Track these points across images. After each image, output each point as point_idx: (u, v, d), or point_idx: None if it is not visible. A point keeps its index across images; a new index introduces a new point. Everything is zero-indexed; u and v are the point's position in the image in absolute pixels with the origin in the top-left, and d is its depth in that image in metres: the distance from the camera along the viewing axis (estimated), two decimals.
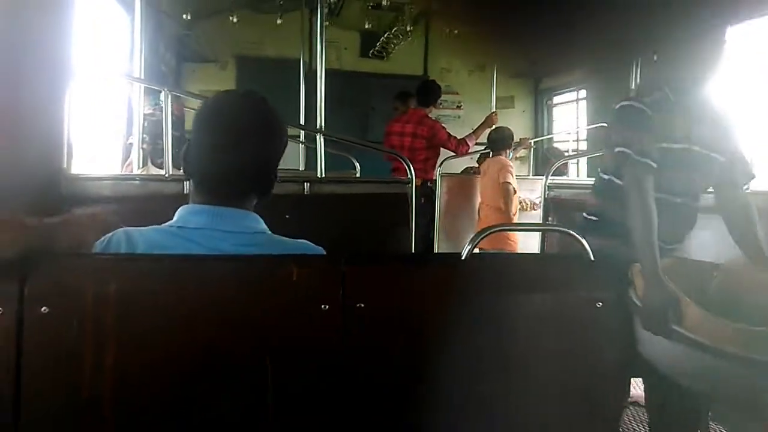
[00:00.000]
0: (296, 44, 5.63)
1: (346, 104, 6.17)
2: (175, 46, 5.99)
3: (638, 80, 4.03)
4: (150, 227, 1.30)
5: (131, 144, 3.73)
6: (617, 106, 1.80)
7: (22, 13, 2.10)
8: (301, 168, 4.92)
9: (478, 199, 4.41)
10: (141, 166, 3.55)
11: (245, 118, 1.28)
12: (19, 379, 1.03)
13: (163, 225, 1.30)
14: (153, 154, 3.63)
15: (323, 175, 3.21)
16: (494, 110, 4.97)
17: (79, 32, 2.67)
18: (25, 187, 2.01)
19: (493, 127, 4.55)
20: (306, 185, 3.11)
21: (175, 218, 1.31)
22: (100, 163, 4.12)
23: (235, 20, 5.30)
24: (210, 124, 1.29)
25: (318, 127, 3.34)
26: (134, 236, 1.27)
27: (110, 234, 1.28)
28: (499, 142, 4.29)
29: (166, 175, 2.75)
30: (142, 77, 3.72)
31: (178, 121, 4.03)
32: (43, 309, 1.04)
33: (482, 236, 1.39)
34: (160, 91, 4.13)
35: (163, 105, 2.76)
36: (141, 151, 3.56)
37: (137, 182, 2.82)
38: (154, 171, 3.55)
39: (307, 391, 1.15)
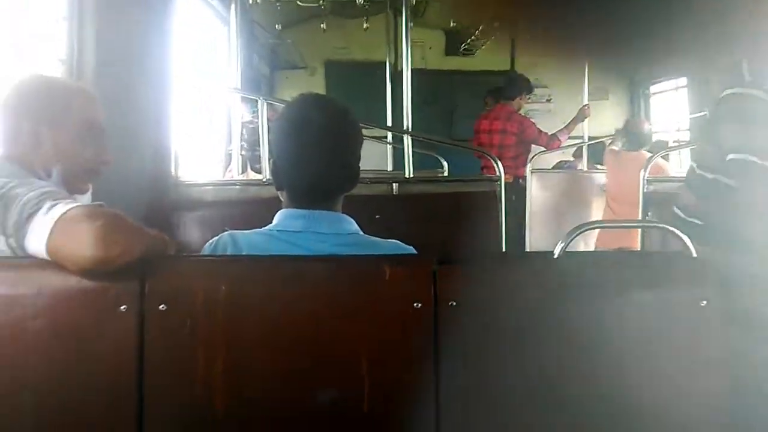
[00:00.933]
0: (382, 46, 5.71)
1: (431, 103, 6.19)
2: (267, 55, 6.26)
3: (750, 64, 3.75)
4: (252, 231, 1.38)
5: (232, 151, 3.94)
6: (726, 94, 1.58)
7: (131, 32, 2.30)
8: (389, 168, 4.99)
9: (577, 195, 4.27)
10: (241, 172, 3.74)
11: (327, 122, 1.33)
12: (141, 369, 1.13)
13: (264, 228, 1.38)
14: (251, 161, 3.82)
15: (411, 175, 3.24)
16: (586, 103, 4.83)
17: (182, 46, 2.86)
18: (140, 194, 2.19)
19: (631, 121, 4.34)
20: (394, 186, 3.16)
21: (274, 222, 1.39)
22: (206, 170, 4.39)
23: (324, 27, 5.46)
24: (293, 133, 1.34)
25: (405, 127, 3.38)
26: (239, 239, 1.36)
27: (217, 237, 1.38)
28: (640, 136, 4.05)
29: (264, 180, 2.88)
30: (239, 87, 3.92)
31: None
32: (161, 306, 1.14)
33: (576, 233, 1.37)
34: (256, 100, 4.35)
35: (259, 113, 2.89)
36: (240, 157, 3.75)
37: (238, 187, 2.97)
38: (253, 176, 3.74)
39: (400, 388, 1.18)
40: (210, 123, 4.83)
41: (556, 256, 1.25)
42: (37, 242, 1.14)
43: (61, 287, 1.14)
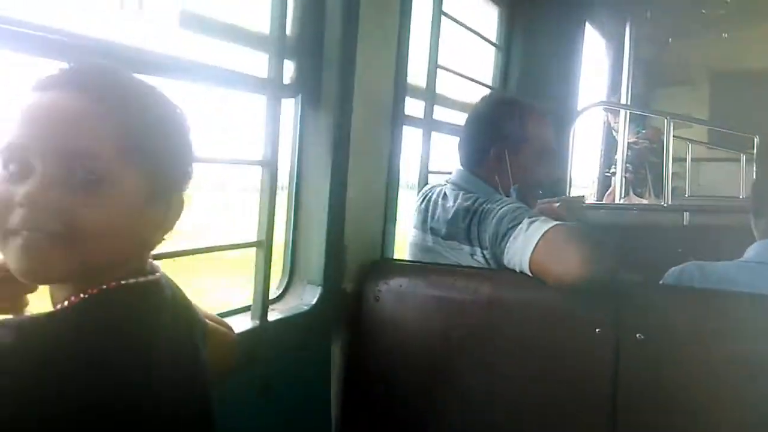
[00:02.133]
0: None
1: None
2: (644, 71, 5.89)
3: None
4: (721, 262, 1.25)
5: (612, 174, 3.80)
6: None
7: (546, 62, 2.39)
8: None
9: None
10: (622, 195, 3.58)
11: None
12: (614, 395, 1.11)
13: (737, 260, 1.24)
14: (634, 184, 3.62)
15: None
16: None
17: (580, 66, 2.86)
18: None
19: None
20: None
21: (750, 253, 1.23)
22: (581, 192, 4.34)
23: (726, 35, 4.87)
24: None
25: None
26: (707, 270, 1.24)
27: (681, 266, 1.28)
28: None
29: (664, 204, 2.67)
30: (628, 104, 3.76)
31: (658, 148, 3.93)
32: (638, 335, 1.09)
33: None
34: (644, 119, 4.12)
35: (665, 132, 2.69)
36: (624, 180, 3.58)
37: (634, 212, 2.83)
38: (636, 200, 3.53)
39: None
40: (577, 144, 4.76)
41: None
42: (517, 255, 1.21)
43: (538, 300, 1.19)
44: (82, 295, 0.64)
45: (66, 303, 0.64)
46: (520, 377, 1.20)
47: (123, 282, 0.66)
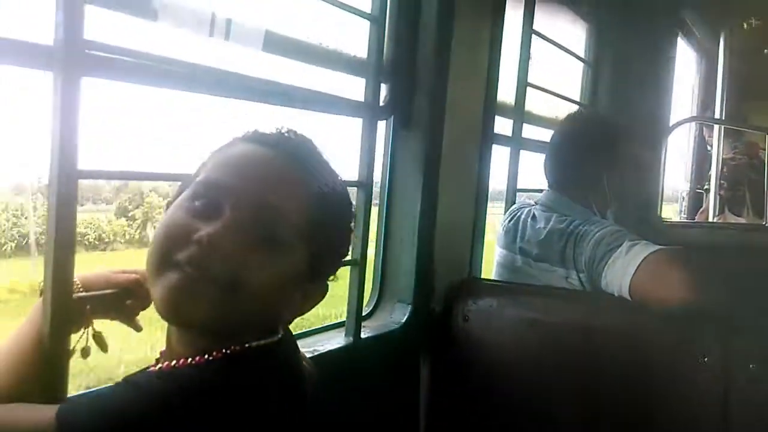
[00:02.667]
0: None
1: None
2: (736, 85, 5.59)
3: None
4: None
5: (705, 190, 3.61)
6: None
7: (634, 82, 2.32)
8: None
9: None
10: (717, 214, 3.38)
11: None
12: (726, 428, 1.05)
13: None
14: (731, 201, 3.42)
15: None
16: None
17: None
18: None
19: None
20: None
21: None
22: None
23: None
24: None
25: None
26: None
27: None
28: None
29: (766, 224, 2.51)
30: (722, 118, 3.57)
31: (758, 165, 3.70)
32: (751, 366, 1.03)
33: None
34: (740, 134, 3.89)
35: (767, 147, 2.53)
36: (718, 197, 3.39)
37: (732, 231, 2.67)
38: (732, 219, 3.34)
39: None
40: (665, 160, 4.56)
41: None
42: (617, 279, 1.18)
43: (640, 325, 1.15)
44: (224, 351, 0.64)
45: (208, 356, 0.64)
46: (618, 408, 1.16)
47: (261, 343, 0.67)
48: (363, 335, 1.30)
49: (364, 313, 1.37)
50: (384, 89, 1.34)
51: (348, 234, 0.74)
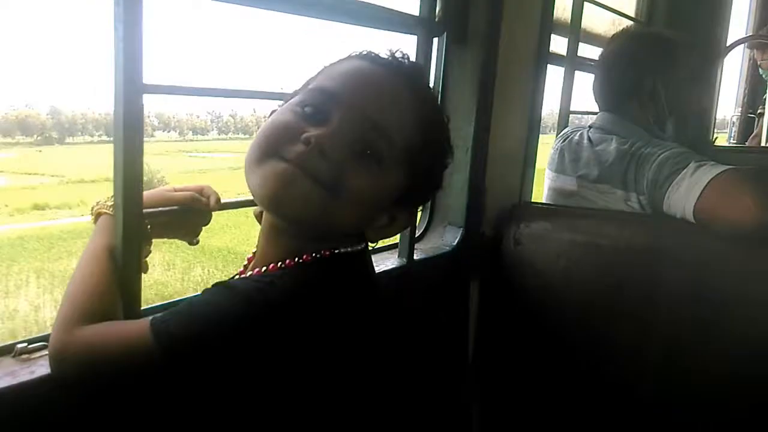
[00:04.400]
0: None
1: None
2: None
3: None
4: None
5: (758, 114, 3.45)
6: None
7: None
8: None
9: None
10: None
11: None
12: None
13: None
14: None
15: None
16: None
17: None
18: None
19: None
20: None
21: None
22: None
23: None
24: None
25: None
26: None
27: None
28: None
29: None
30: None
31: None
32: None
33: None
34: None
35: None
36: None
37: None
38: None
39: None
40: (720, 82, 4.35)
41: None
42: (681, 201, 1.14)
43: (704, 248, 1.13)
44: (314, 255, 0.67)
45: (298, 259, 0.67)
46: (677, 332, 1.15)
47: (349, 250, 0.69)
48: (416, 257, 1.30)
49: (416, 235, 1.37)
50: (438, 4, 1.27)
51: (444, 167, 0.74)
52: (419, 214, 1.44)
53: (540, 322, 1.36)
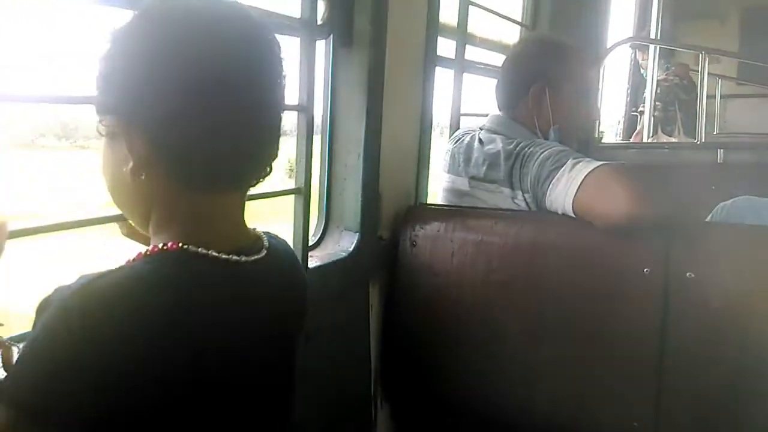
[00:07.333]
0: None
1: None
2: (670, 5, 5.67)
3: None
4: None
5: (639, 112, 3.71)
6: None
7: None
8: None
9: None
10: (651, 134, 3.49)
11: None
12: (663, 336, 1.09)
13: None
14: (663, 122, 3.53)
15: None
16: None
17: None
18: None
19: None
20: None
21: None
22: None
23: None
24: None
25: None
26: (759, 205, 1.20)
27: (730, 201, 1.25)
28: None
29: (697, 142, 2.59)
30: (658, 38, 3.62)
31: (689, 85, 3.81)
32: (688, 274, 1.07)
33: None
34: (670, 56, 3.98)
35: (699, 67, 2.59)
36: (652, 118, 3.49)
37: (666, 150, 2.76)
38: (665, 139, 3.46)
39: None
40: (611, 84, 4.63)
41: None
42: (561, 197, 1.18)
43: (584, 242, 1.17)
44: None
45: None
46: (565, 320, 1.19)
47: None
48: (310, 265, 1.28)
49: (310, 243, 1.34)
50: (321, 6, 1.26)
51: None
52: (314, 221, 1.42)
53: (439, 319, 1.37)
